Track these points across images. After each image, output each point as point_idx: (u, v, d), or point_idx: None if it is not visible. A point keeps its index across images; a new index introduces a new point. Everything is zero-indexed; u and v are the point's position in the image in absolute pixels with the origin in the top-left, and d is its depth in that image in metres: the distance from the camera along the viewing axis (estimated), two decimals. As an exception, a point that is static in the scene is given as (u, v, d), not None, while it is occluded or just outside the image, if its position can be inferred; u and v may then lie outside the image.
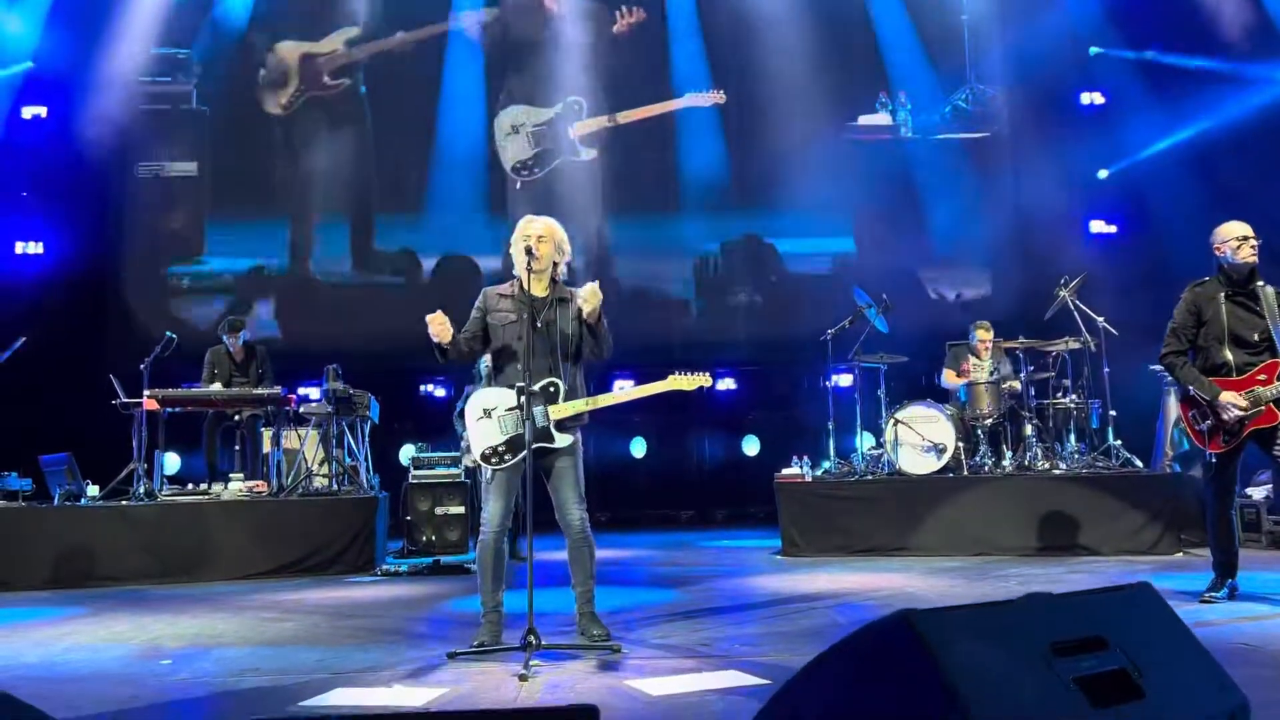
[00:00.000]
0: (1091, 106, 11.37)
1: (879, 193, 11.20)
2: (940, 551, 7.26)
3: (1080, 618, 1.75)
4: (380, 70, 11.51)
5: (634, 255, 11.54)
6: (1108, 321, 7.92)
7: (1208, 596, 4.92)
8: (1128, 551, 6.97)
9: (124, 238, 11.23)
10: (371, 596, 6.23)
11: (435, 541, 7.99)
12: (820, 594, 5.68)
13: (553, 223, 4.48)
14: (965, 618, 1.68)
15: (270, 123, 11.44)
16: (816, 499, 7.69)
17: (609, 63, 11.40)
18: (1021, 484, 7.39)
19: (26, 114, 10.90)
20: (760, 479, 8.84)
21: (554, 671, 3.85)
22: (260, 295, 11.04)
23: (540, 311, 4.35)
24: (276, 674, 4.00)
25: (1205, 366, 4.97)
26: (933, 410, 7.75)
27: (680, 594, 5.93)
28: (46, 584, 6.81)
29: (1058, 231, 10.95)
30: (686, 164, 11.56)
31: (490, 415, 4.29)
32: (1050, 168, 10.89)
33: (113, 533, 7.07)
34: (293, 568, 7.16)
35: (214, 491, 7.65)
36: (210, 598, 6.21)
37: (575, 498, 4.34)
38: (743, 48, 11.43)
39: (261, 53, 11.40)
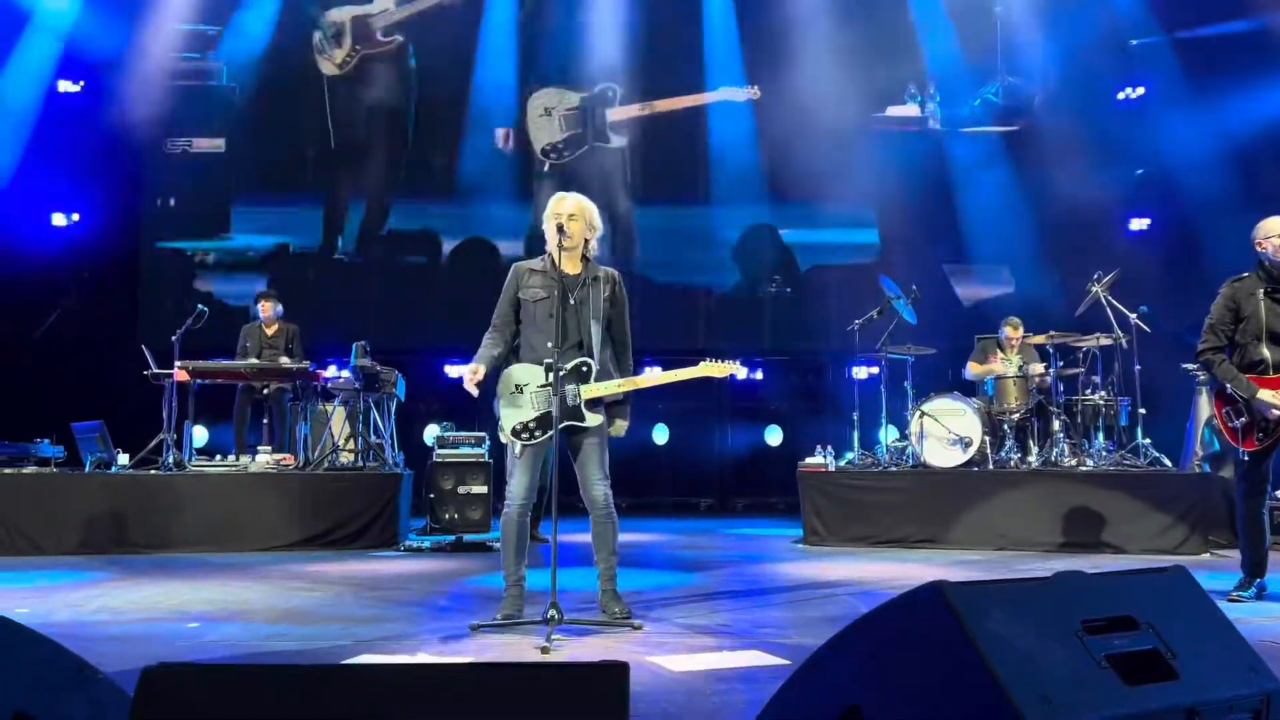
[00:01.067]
0: (1129, 101, 11.22)
1: (907, 185, 11.12)
2: (964, 545, 7.22)
3: (1112, 597, 1.74)
4: (424, 37, 11.51)
5: (660, 242, 11.51)
6: (1140, 319, 7.83)
7: (1235, 595, 4.87)
8: (1154, 550, 6.89)
9: (154, 212, 11.32)
10: (395, 570, 6.28)
11: (458, 520, 8.04)
12: (842, 581, 5.67)
13: (584, 200, 4.49)
14: (997, 591, 1.68)
15: (306, 97, 11.48)
16: (839, 489, 7.67)
17: (644, 50, 11.36)
18: (1048, 480, 7.33)
19: (63, 88, 11.01)
20: (782, 469, 8.85)
21: (575, 646, 3.88)
22: (286, 272, 11.09)
23: (572, 289, 4.36)
24: (302, 640, 4.05)
25: (1242, 363, 4.91)
26: (959, 403, 7.70)
27: (701, 577, 5.94)
28: (77, 548, 6.92)
29: (1091, 227, 10.82)
30: (715, 152, 11.52)
31: (522, 391, 4.30)
32: (1084, 162, 10.76)
33: (141, 501, 7.17)
34: (317, 541, 7.23)
35: (242, 463, 7.74)
36: (236, 567, 6.29)
37: (600, 474, 4.35)
38: (776, 36, 11.35)
39: (304, 23, 11.42)
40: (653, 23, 11.38)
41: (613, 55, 11.33)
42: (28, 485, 7.13)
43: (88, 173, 10.84)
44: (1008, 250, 10.88)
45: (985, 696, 1.48)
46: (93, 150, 10.84)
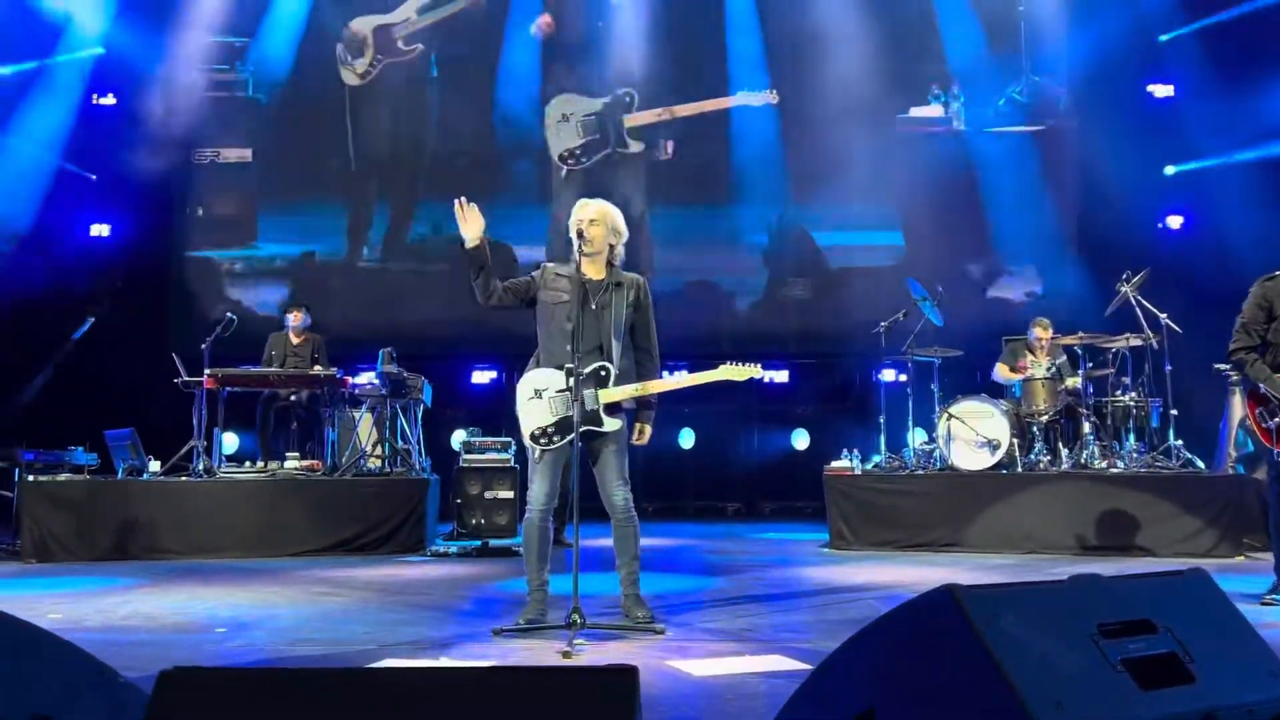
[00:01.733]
0: (1160, 99, 11.07)
1: (932, 186, 11.05)
2: (992, 549, 7.15)
3: (1129, 601, 1.72)
4: (446, 47, 11.59)
5: (683, 246, 11.50)
6: (1171, 319, 7.72)
7: (1268, 599, 4.79)
8: (1186, 554, 6.77)
9: (184, 222, 11.46)
10: (421, 575, 6.32)
11: (484, 525, 8.05)
12: (867, 585, 5.64)
13: (606, 206, 4.49)
14: (1010, 595, 1.66)
15: (330, 107, 11.58)
16: (866, 492, 7.62)
17: (666, 54, 11.36)
18: (1077, 482, 7.24)
19: (99, 100, 11.20)
20: (809, 473, 8.78)
21: (597, 650, 3.88)
22: (313, 280, 11.19)
23: (595, 294, 4.37)
24: (327, 644, 4.08)
25: (1275, 363, 4.84)
26: (987, 405, 7.63)
27: (725, 581, 5.93)
28: (109, 554, 7.01)
29: (1121, 227, 10.68)
30: (737, 155, 11.49)
31: (541, 396, 4.31)
32: (1113, 161, 10.62)
33: (172, 507, 7.26)
34: (345, 546, 7.29)
35: (270, 470, 7.81)
36: (265, 572, 6.35)
37: (619, 479, 4.35)
38: (800, 38, 11.32)
39: (326, 36, 11.53)
40: (676, 26, 11.39)
41: (633, 60, 11.35)
42: (62, 492, 7.23)
43: (120, 182, 11.00)
44: (1035, 251, 10.78)
45: (999, 701, 1.47)
46: (126, 161, 11.00)
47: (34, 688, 1.63)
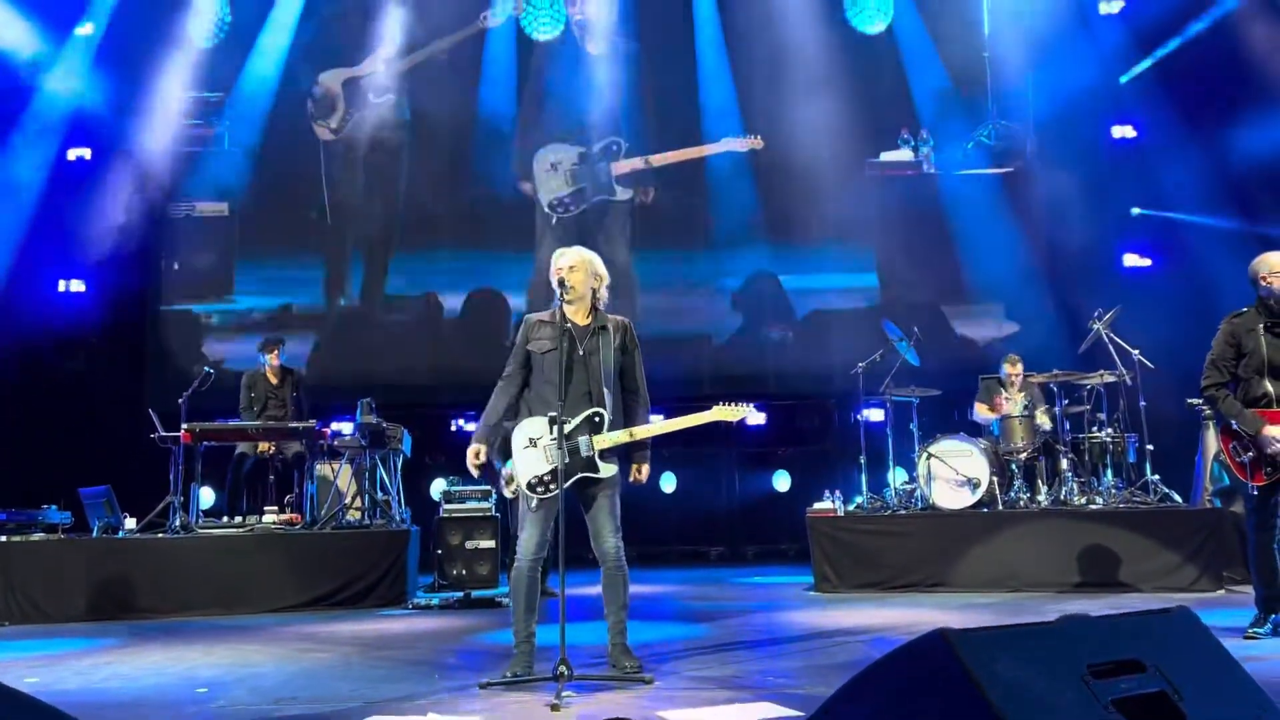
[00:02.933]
0: (1123, 140, 11.33)
1: (904, 228, 11.23)
2: (976, 587, 7.16)
3: (1118, 640, 1.74)
4: (420, 94, 11.70)
5: (663, 290, 11.58)
6: (1143, 355, 7.84)
7: (1251, 633, 4.82)
8: (1169, 588, 6.83)
9: (160, 276, 11.40)
10: (403, 629, 6.24)
11: (466, 575, 8.00)
12: (854, 629, 5.63)
13: (585, 252, 4.52)
14: (1001, 637, 1.68)
15: (306, 160, 11.63)
16: (849, 534, 7.63)
17: (644, 103, 11.54)
18: (1058, 519, 7.29)
19: (71, 155, 11.20)
20: (792, 515, 8.80)
21: (586, 702, 3.85)
22: (291, 332, 11.11)
23: (581, 340, 4.39)
24: (311, 702, 4.03)
25: (1245, 398, 4.92)
26: (966, 444, 7.69)
27: (712, 628, 5.90)
28: (85, 615, 6.88)
29: (1090, 266, 10.88)
30: (715, 200, 11.63)
31: (535, 444, 4.29)
32: (1080, 201, 10.85)
33: (149, 565, 7.14)
34: (325, 600, 7.20)
35: (248, 525, 7.73)
36: (245, 629, 6.26)
37: (612, 527, 4.35)
38: (771, 85, 11.52)
39: (300, 90, 11.61)
40: (650, 77, 11.57)
41: (614, 109, 11.50)
42: (35, 552, 7.12)
43: (95, 237, 10.96)
44: (1008, 290, 10.92)
45: (995, 744, 1.48)
46: (101, 215, 10.98)
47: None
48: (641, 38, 11.63)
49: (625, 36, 11.60)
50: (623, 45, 11.61)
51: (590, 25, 11.67)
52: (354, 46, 11.66)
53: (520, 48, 11.74)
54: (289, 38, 11.50)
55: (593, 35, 11.64)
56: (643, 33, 11.63)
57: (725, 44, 11.62)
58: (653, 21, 11.70)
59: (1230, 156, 10.22)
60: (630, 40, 11.61)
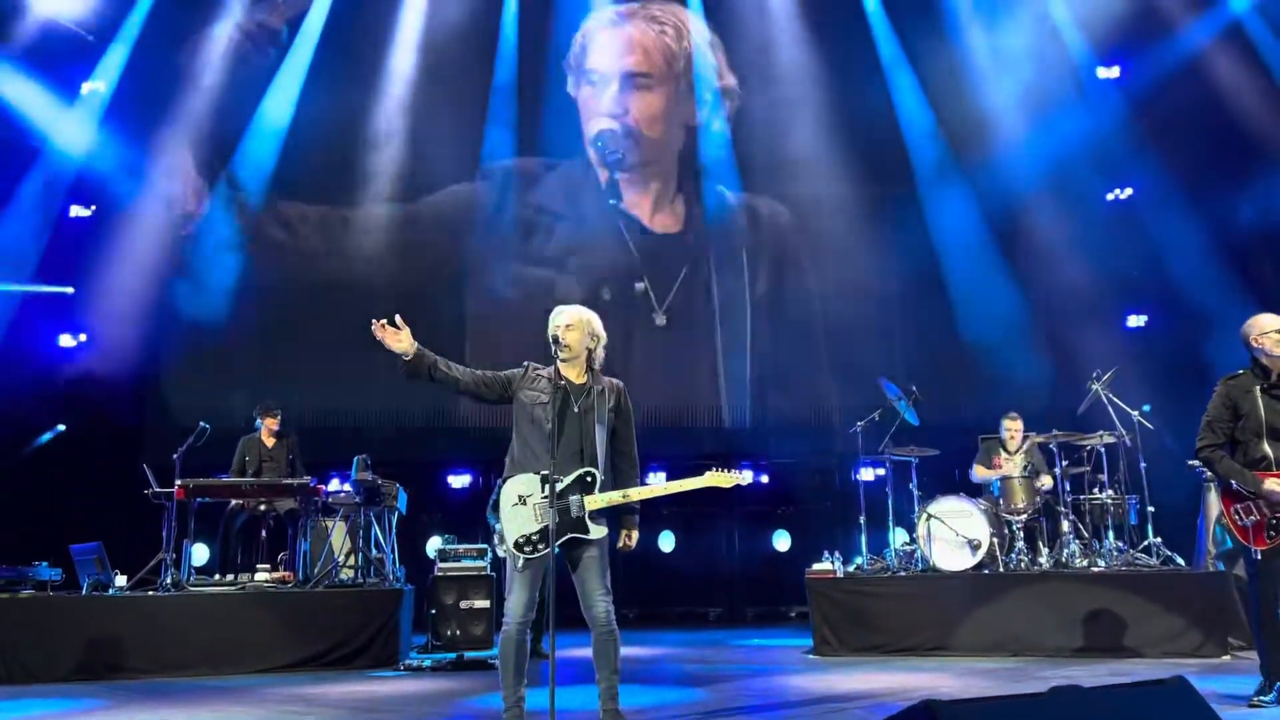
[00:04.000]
0: (1119, 201, 11.43)
1: (903, 287, 11.33)
2: (978, 652, 7.04)
3: (1110, 712, 1.69)
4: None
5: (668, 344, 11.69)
6: (1143, 416, 7.81)
7: (1256, 701, 4.72)
8: (1172, 654, 6.71)
9: (159, 331, 11.38)
10: (393, 691, 6.13)
11: (460, 636, 7.89)
12: (852, 694, 5.51)
13: (583, 311, 4.52)
14: (988, 709, 1.63)
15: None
16: (849, 596, 7.52)
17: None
18: (1059, 582, 7.18)
19: (74, 213, 11.29)
20: (792, 575, 8.70)
21: (576, 770, 3.76)
22: (287, 385, 11.04)
23: (576, 398, 4.36)
24: (294, 769, 3.93)
25: (1245, 461, 4.88)
26: (966, 504, 7.62)
27: (708, 693, 5.78)
28: (72, 675, 6.76)
29: (1087, 327, 10.90)
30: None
31: (525, 502, 4.25)
32: (1077, 263, 10.91)
33: (139, 624, 7.03)
34: (316, 661, 7.08)
35: (240, 583, 7.63)
36: (233, 691, 6.14)
37: (602, 588, 4.28)
38: (764, 147, 11.75)
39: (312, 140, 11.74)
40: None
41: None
42: (24, 610, 7.02)
43: (97, 292, 11.01)
44: (1005, 349, 10.91)
45: (983, 822, 1.43)
46: (102, 271, 11.05)
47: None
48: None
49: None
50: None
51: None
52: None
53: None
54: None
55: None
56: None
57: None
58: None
59: (1227, 216, 10.29)
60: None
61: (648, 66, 11.98)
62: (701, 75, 12.05)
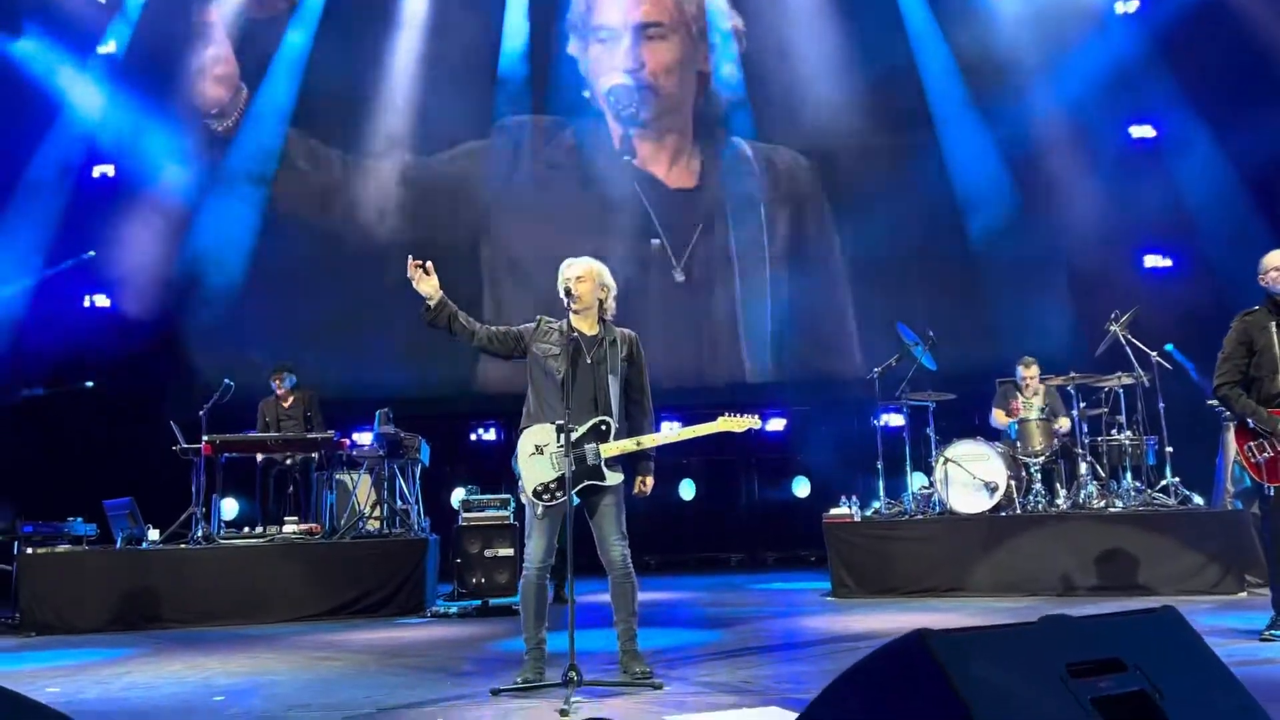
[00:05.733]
0: (1142, 140, 11.26)
1: (924, 228, 11.25)
2: (994, 592, 7.12)
3: (1098, 640, 1.74)
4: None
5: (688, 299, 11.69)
6: (1161, 356, 7.78)
7: (1267, 635, 4.77)
8: (1189, 591, 6.77)
9: (183, 289, 11.49)
10: (420, 637, 6.29)
11: (484, 583, 8.03)
12: (868, 634, 5.61)
13: (593, 263, 4.55)
14: (980, 639, 1.69)
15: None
16: (866, 539, 7.61)
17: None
18: (1077, 522, 7.23)
19: (96, 172, 11.37)
20: (811, 521, 8.76)
21: (595, 708, 3.87)
22: (309, 341, 11.14)
23: (589, 349, 4.42)
24: (324, 709, 4.07)
25: (1260, 397, 4.88)
26: (984, 448, 7.64)
27: (726, 634, 5.90)
28: (108, 625, 6.98)
29: (1109, 266, 10.81)
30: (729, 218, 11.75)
31: (542, 452, 4.32)
32: (1098, 202, 10.79)
33: (172, 575, 7.25)
34: (345, 610, 7.27)
35: (269, 535, 7.81)
36: (264, 638, 6.33)
37: (618, 534, 4.36)
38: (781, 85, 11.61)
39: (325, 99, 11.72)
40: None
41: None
42: (60, 564, 7.24)
43: (120, 252, 11.11)
44: (1024, 291, 10.84)
45: (972, 744, 1.49)
46: (125, 230, 11.14)
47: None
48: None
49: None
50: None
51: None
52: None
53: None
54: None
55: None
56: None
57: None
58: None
59: (1250, 153, 10.11)
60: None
61: (659, 15, 11.83)
62: (714, 18, 11.90)
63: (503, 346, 4.50)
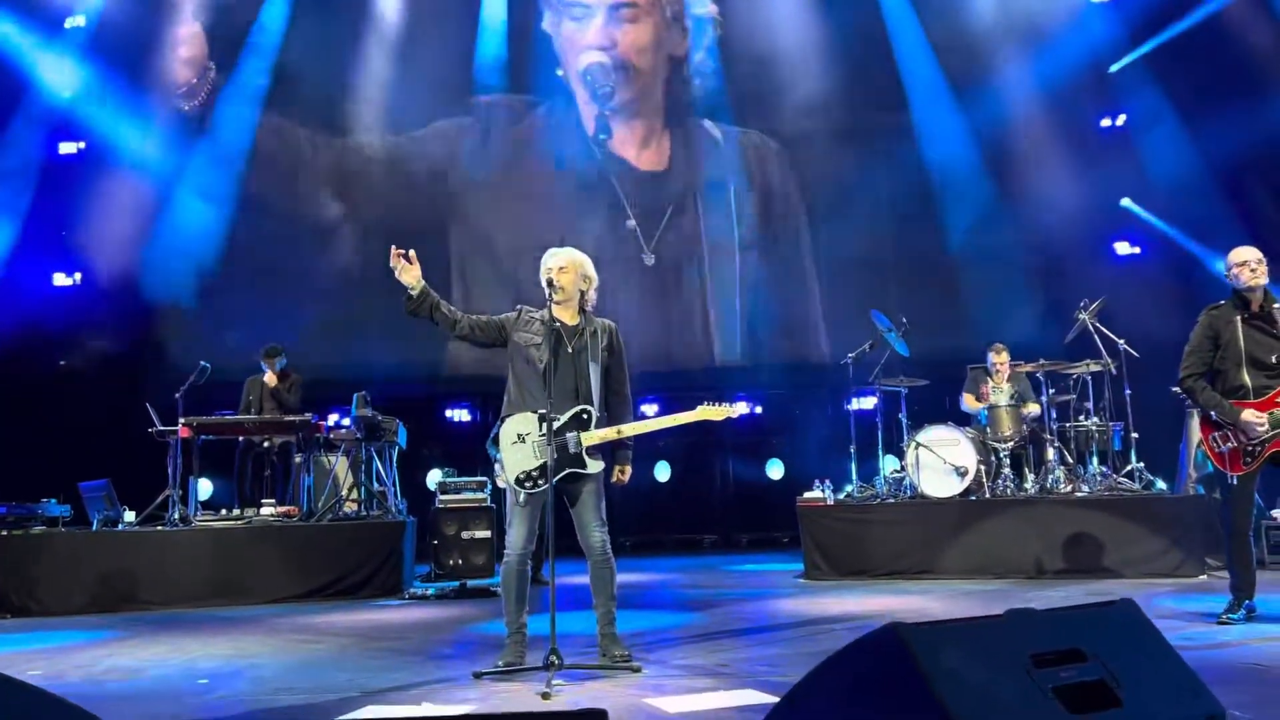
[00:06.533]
0: (1112, 128, 11.42)
1: (897, 214, 11.37)
2: (963, 575, 7.29)
3: (1061, 631, 1.84)
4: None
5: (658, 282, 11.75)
6: (1130, 344, 7.94)
7: (1225, 618, 4.93)
8: (1152, 574, 6.96)
9: (157, 268, 11.39)
10: (400, 619, 6.36)
11: (462, 565, 8.11)
12: (841, 616, 5.74)
13: (575, 254, 4.61)
14: (950, 631, 1.78)
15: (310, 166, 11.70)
16: (838, 523, 7.75)
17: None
18: (1044, 507, 7.40)
19: (65, 149, 11.23)
20: (784, 503, 8.92)
21: (576, 691, 3.96)
22: (285, 323, 11.09)
23: (570, 339, 4.48)
24: (309, 693, 4.13)
25: (1224, 389, 5.02)
26: (954, 433, 7.80)
27: (702, 616, 6.01)
28: (86, 608, 6.99)
29: (1079, 254, 10.98)
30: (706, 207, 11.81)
31: (524, 440, 4.38)
32: (1068, 190, 10.94)
33: (149, 558, 7.26)
34: (323, 592, 7.31)
35: (246, 517, 7.83)
36: (244, 621, 6.37)
37: (597, 520, 4.44)
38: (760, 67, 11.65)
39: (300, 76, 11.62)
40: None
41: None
42: (36, 545, 7.22)
43: (91, 230, 11.01)
44: (994, 279, 11.00)
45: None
46: (96, 208, 11.03)
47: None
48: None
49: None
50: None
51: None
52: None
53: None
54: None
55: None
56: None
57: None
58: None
59: (1220, 144, 10.28)
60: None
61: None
62: (689, 2, 11.92)
63: (485, 335, 4.55)
